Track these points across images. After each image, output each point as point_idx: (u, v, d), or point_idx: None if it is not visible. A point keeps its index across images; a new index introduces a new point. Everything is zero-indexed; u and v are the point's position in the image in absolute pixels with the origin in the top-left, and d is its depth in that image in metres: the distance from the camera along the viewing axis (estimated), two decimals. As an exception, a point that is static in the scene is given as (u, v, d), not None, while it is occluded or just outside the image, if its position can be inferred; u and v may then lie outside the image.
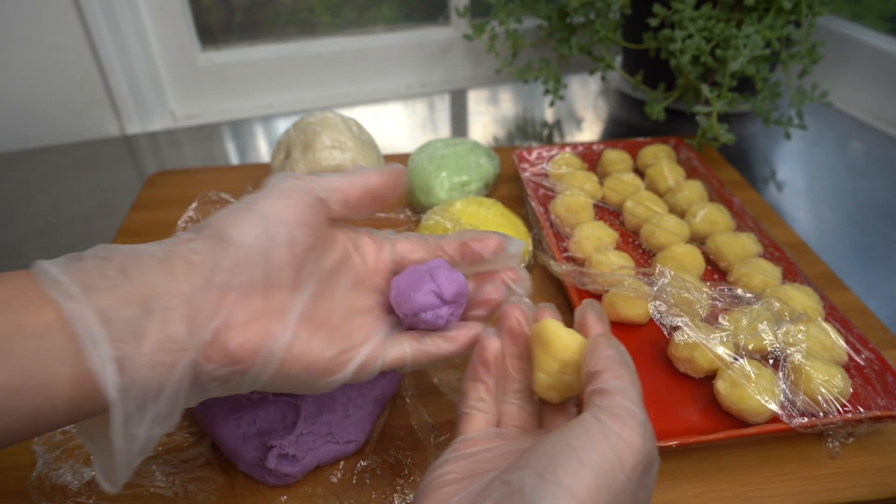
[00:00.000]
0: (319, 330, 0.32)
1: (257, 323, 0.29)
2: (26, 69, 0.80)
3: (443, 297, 0.34)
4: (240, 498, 0.39)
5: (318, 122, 0.63)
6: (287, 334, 0.30)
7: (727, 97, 0.64)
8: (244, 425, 0.40)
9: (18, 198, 0.74)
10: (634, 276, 0.49)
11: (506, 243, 0.36)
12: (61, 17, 0.78)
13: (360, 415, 0.41)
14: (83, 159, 0.82)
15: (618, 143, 0.70)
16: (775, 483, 0.40)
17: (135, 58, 0.84)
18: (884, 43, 0.83)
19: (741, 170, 0.74)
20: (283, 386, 0.31)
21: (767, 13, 0.67)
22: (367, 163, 0.63)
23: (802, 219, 0.68)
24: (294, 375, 0.31)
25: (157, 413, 0.27)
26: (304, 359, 0.30)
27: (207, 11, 0.89)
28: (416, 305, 0.34)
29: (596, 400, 0.27)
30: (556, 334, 0.31)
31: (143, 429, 0.27)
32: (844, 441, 0.42)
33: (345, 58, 0.95)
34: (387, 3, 0.95)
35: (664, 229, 0.55)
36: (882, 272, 0.60)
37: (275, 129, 0.90)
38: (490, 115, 0.92)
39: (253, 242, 0.29)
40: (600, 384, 0.27)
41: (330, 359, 0.31)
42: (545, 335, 0.31)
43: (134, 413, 0.26)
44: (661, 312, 0.45)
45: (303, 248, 0.31)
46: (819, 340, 0.44)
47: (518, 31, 0.84)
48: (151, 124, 0.89)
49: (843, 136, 0.83)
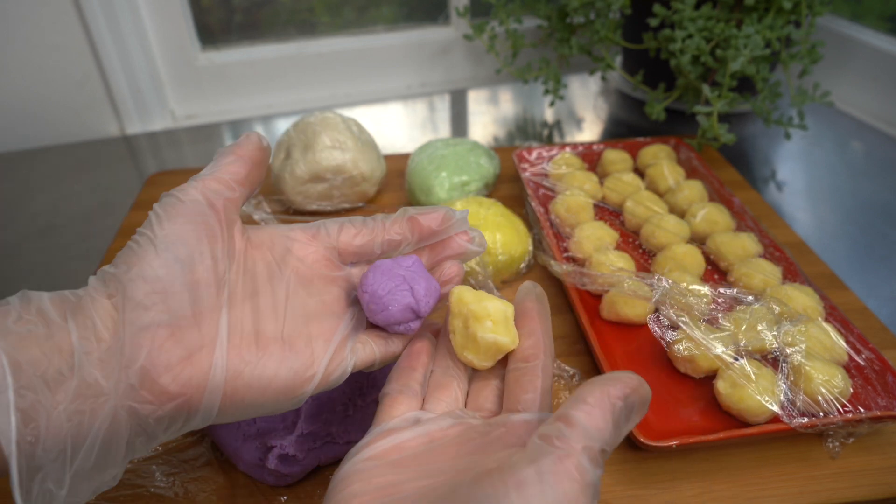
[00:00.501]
0: (269, 348, 0.29)
1: (193, 354, 0.27)
2: (26, 69, 0.80)
3: (419, 314, 0.33)
4: (240, 498, 0.39)
5: (318, 122, 0.63)
6: (222, 361, 0.28)
7: (727, 97, 0.64)
8: (244, 425, 0.40)
9: (18, 198, 0.74)
10: (634, 277, 0.49)
11: (450, 213, 0.35)
12: (61, 17, 0.78)
13: (360, 415, 0.41)
14: (83, 159, 0.82)
15: (618, 143, 0.70)
16: (775, 483, 0.40)
17: (135, 58, 0.84)
18: (884, 43, 0.83)
19: (741, 170, 0.74)
20: (245, 412, 0.29)
21: (767, 13, 0.67)
22: (367, 163, 0.63)
23: (802, 219, 0.68)
24: (252, 401, 0.29)
25: (82, 466, 0.25)
26: (257, 383, 0.28)
27: (207, 11, 0.89)
28: (391, 319, 0.33)
29: (553, 431, 0.24)
30: (459, 296, 0.33)
31: (63, 484, 0.24)
32: (844, 441, 0.42)
33: (345, 58, 0.95)
34: (387, 3, 0.95)
35: (664, 229, 0.55)
36: (882, 272, 0.60)
37: (275, 129, 0.90)
38: (490, 115, 0.92)
39: (163, 273, 0.27)
40: (572, 412, 0.24)
41: (288, 378, 0.29)
42: (450, 299, 0.33)
43: (49, 466, 0.24)
44: (661, 327, 0.45)
45: (219, 262, 0.29)
46: (819, 340, 0.44)
47: (518, 31, 0.84)
48: (151, 124, 0.89)
49: (843, 136, 0.83)
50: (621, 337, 0.48)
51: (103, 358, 0.25)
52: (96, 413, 0.25)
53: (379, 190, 0.68)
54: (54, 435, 0.23)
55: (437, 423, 0.30)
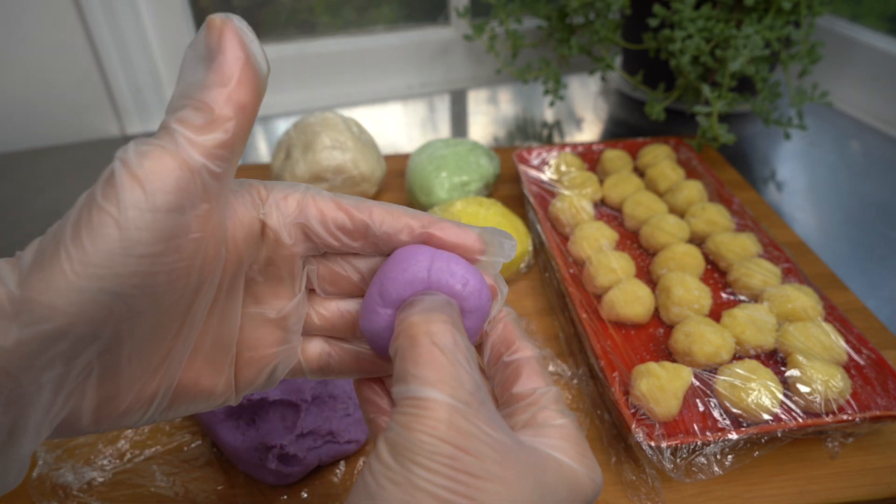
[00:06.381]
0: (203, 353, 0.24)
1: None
2: (27, 69, 0.80)
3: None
4: (240, 498, 0.39)
5: (318, 122, 0.63)
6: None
7: (727, 97, 0.64)
8: (244, 425, 0.40)
9: (18, 198, 0.74)
10: (633, 277, 0.49)
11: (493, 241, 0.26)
12: (61, 17, 0.78)
13: (361, 415, 0.41)
14: (83, 159, 0.82)
15: (618, 143, 0.70)
16: (775, 483, 0.40)
17: (135, 58, 0.84)
18: (883, 43, 0.83)
19: (741, 170, 0.74)
20: (177, 414, 0.25)
21: (767, 13, 0.67)
22: (367, 163, 0.63)
23: (802, 219, 0.68)
24: (186, 407, 0.25)
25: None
26: (190, 391, 0.24)
27: (207, 11, 0.89)
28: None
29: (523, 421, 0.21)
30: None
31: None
32: (844, 441, 0.42)
33: (345, 58, 0.95)
34: (387, 3, 0.95)
35: (664, 229, 0.55)
36: (882, 272, 0.60)
37: (275, 129, 0.90)
38: (490, 115, 0.92)
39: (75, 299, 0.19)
40: (517, 387, 0.22)
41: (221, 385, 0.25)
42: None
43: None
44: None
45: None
46: (819, 340, 0.44)
47: (518, 31, 0.84)
48: (151, 124, 0.89)
49: (843, 136, 0.83)
50: (621, 337, 0.48)
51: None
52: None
53: (379, 190, 0.68)
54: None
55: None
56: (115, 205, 0.19)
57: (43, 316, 0.18)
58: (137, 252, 0.19)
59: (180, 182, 0.19)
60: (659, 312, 0.50)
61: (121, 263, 0.19)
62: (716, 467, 0.40)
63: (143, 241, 0.19)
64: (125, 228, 0.19)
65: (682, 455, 0.39)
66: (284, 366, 0.26)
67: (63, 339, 0.19)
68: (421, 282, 0.23)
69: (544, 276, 0.57)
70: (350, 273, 0.26)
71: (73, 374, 0.20)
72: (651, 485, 0.40)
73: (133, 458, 0.41)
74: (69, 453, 0.41)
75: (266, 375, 0.26)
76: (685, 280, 0.49)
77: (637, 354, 0.47)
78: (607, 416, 0.44)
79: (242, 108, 0.20)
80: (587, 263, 0.53)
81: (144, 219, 0.19)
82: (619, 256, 0.52)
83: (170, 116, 0.20)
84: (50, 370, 0.20)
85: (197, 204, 0.20)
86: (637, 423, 0.40)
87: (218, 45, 0.20)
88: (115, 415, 0.22)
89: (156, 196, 0.19)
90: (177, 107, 0.20)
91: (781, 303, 0.47)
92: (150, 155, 0.19)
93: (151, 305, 0.20)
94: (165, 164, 0.19)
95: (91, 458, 0.41)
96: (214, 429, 0.40)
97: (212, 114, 0.20)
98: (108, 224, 0.19)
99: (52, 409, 0.21)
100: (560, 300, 0.54)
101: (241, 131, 0.21)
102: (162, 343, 0.22)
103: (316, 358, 0.27)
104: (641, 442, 0.39)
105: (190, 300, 0.22)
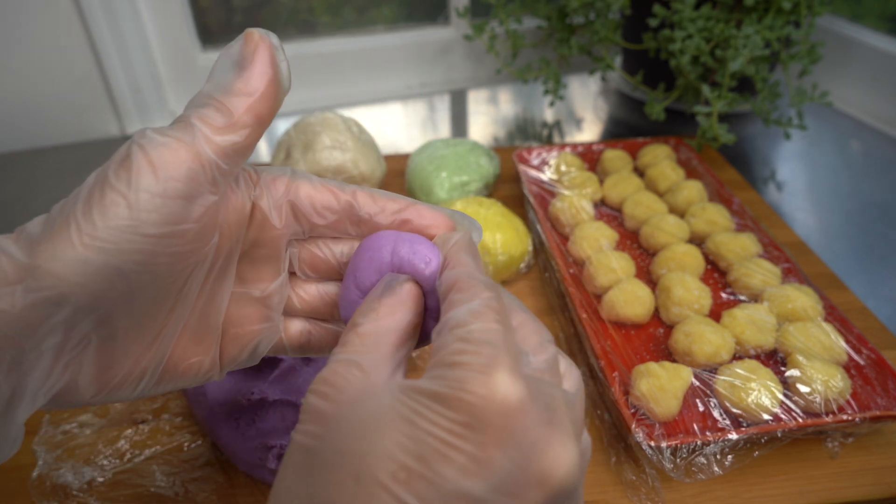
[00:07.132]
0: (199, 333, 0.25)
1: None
2: (27, 69, 0.80)
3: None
4: (240, 498, 0.39)
5: (318, 122, 0.63)
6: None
7: (727, 97, 0.64)
8: (244, 425, 0.40)
9: (18, 198, 0.74)
10: (633, 277, 0.49)
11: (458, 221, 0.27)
12: (61, 17, 0.78)
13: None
14: (83, 159, 0.82)
15: (618, 143, 0.70)
16: (775, 483, 0.40)
17: (135, 58, 0.84)
18: (883, 43, 0.83)
19: (741, 170, 0.74)
20: (166, 389, 0.26)
21: (767, 13, 0.67)
22: (367, 163, 0.63)
23: (802, 219, 0.68)
24: (174, 382, 0.26)
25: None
26: (178, 367, 0.25)
27: (207, 11, 0.89)
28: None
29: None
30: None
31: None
32: (844, 441, 0.42)
33: (345, 58, 0.95)
34: (387, 3, 0.95)
35: (664, 229, 0.55)
36: (882, 272, 0.60)
37: (275, 129, 0.90)
38: (490, 115, 0.92)
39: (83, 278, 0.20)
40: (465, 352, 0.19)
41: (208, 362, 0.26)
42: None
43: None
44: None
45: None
46: (819, 340, 0.44)
47: (518, 31, 0.84)
48: (151, 124, 0.89)
49: (843, 136, 0.83)
50: (621, 337, 0.48)
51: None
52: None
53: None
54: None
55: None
56: (128, 185, 0.20)
57: (48, 283, 0.19)
58: (144, 232, 0.20)
59: (192, 173, 0.21)
60: (659, 312, 0.50)
61: (127, 241, 0.20)
62: (716, 467, 0.40)
63: (150, 223, 0.20)
64: (135, 209, 0.20)
65: (682, 455, 0.39)
66: (266, 343, 0.27)
67: (65, 306, 0.20)
68: (387, 265, 0.24)
69: (544, 276, 0.57)
70: (329, 257, 0.27)
71: (70, 343, 0.21)
72: (651, 485, 0.40)
73: (133, 457, 0.41)
74: (69, 453, 0.41)
75: (249, 352, 0.27)
76: (685, 280, 0.49)
77: (637, 354, 0.47)
78: (607, 416, 0.44)
79: (260, 119, 0.22)
80: (587, 263, 0.53)
81: (154, 203, 0.20)
82: (619, 256, 0.52)
83: (191, 111, 0.22)
84: (51, 338, 0.20)
85: (204, 195, 0.21)
86: (637, 423, 0.40)
87: (252, 57, 0.22)
88: (108, 387, 0.23)
89: (167, 183, 0.20)
90: (200, 104, 0.22)
91: (781, 303, 0.47)
92: (168, 144, 0.21)
93: (149, 283, 0.21)
94: (180, 155, 0.21)
95: (91, 458, 0.41)
96: (214, 429, 0.40)
97: (231, 118, 0.21)
98: (118, 203, 0.20)
99: (51, 377, 0.22)
100: (560, 300, 0.54)
101: (253, 139, 0.22)
102: (156, 320, 0.23)
103: (297, 336, 0.28)
104: (641, 442, 0.39)
105: (185, 280, 0.23)
